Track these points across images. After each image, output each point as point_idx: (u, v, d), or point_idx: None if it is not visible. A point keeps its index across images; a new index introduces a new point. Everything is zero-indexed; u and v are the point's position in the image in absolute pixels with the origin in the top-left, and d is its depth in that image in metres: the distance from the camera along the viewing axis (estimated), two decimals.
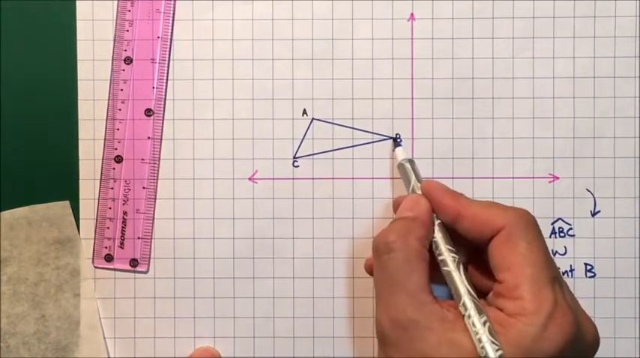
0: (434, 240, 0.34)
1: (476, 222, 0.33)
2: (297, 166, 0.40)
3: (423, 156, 0.40)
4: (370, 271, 0.38)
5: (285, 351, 0.40)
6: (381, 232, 0.34)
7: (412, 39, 0.40)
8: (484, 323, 0.31)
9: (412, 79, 0.40)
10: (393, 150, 0.40)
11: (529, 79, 0.40)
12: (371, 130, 0.40)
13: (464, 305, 0.32)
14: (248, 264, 0.40)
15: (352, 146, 0.40)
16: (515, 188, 0.40)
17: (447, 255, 0.33)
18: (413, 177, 0.37)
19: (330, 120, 0.40)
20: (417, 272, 0.32)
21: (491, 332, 0.30)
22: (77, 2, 0.40)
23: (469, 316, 0.31)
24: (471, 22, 0.40)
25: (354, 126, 0.40)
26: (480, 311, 0.31)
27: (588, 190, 0.40)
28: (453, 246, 0.34)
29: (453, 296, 0.32)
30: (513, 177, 0.40)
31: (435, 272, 0.34)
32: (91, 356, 0.40)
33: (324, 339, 0.40)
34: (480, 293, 0.34)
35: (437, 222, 0.35)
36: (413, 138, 0.40)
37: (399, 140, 0.40)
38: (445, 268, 0.33)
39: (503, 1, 0.40)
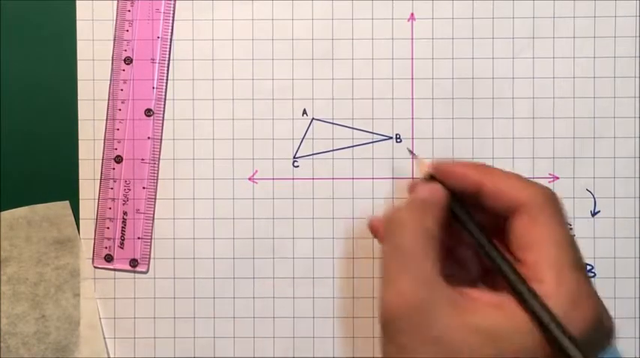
0: (465, 222, 0.33)
1: (497, 191, 0.32)
2: (297, 166, 0.40)
3: (423, 156, 0.40)
4: (374, 231, 0.35)
5: (285, 351, 0.40)
6: (394, 209, 0.32)
7: (412, 39, 0.40)
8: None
9: (412, 79, 0.40)
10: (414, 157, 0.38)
11: (529, 79, 0.40)
12: (371, 130, 0.40)
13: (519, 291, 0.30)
14: (248, 264, 0.40)
15: (352, 146, 0.40)
16: None
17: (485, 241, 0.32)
18: (427, 169, 0.35)
19: (330, 120, 0.40)
20: (429, 252, 0.31)
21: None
22: (77, 2, 0.40)
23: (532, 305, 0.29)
24: (471, 22, 0.40)
25: (354, 126, 0.40)
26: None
27: (588, 190, 0.40)
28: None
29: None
30: None
31: (448, 258, 0.33)
32: (91, 356, 0.40)
33: (324, 339, 0.40)
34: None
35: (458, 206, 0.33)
36: (413, 138, 0.40)
37: (398, 140, 0.40)
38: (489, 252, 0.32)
39: (504, 1, 0.40)
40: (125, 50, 0.40)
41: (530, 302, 0.29)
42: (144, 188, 0.40)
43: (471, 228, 0.33)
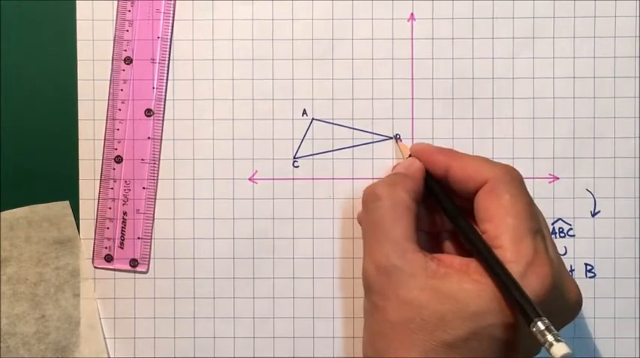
0: (442, 202, 0.36)
1: (464, 173, 0.35)
2: (297, 166, 0.40)
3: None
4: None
5: (285, 351, 0.40)
6: (370, 185, 0.35)
7: (412, 39, 0.40)
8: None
9: (412, 79, 0.40)
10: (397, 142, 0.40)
11: (529, 79, 0.40)
12: (371, 130, 0.40)
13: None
14: (248, 264, 0.40)
15: (352, 146, 0.40)
16: None
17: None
18: (408, 152, 0.38)
19: (330, 120, 0.40)
20: (402, 221, 0.33)
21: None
22: (77, 2, 0.40)
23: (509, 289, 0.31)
24: (471, 22, 0.40)
25: (354, 126, 0.40)
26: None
27: (588, 190, 0.40)
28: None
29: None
30: None
31: (428, 232, 0.36)
32: (91, 356, 0.40)
33: (324, 339, 0.40)
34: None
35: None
36: (413, 138, 0.40)
37: (399, 140, 0.40)
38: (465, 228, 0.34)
39: (504, 1, 0.40)
40: (125, 50, 0.40)
41: (490, 262, 0.31)
42: (144, 188, 0.40)
43: (442, 198, 0.36)
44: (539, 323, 0.29)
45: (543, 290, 0.31)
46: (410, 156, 0.38)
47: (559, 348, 0.28)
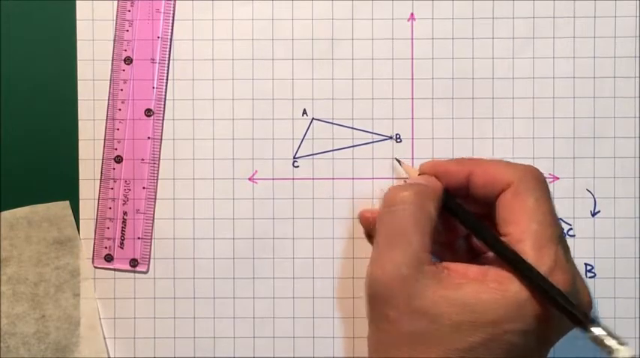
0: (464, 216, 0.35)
1: (487, 177, 0.34)
2: (297, 166, 0.40)
3: (423, 156, 0.40)
4: (365, 222, 0.37)
5: (285, 351, 0.40)
6: (395, 186, 0.34)
7: (412, 39, 0.40)
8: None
9: (412, 79, 0.40)
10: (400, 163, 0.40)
11: (529, 79, 0.40)
12: (371, 130, 0.40)
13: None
14: (248, 264, 0.40)
15: (352, 146, 0.40)
16: None
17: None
18: (416, 171, 0.37)
19: (330, 120, 0.40)
20: (423, 231, 0.32)
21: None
22: (77, 2, 0.40)
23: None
24: (471, 22, 0.40)
25: (354, 126, 0.40)
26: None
27: (588, 190, 0.40)
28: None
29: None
30: None
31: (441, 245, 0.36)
32: (90, 356, 0.40)
33: (324, 339, 0.40)
34: (476, 254, 0.35)
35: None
36: (413, 138, 0.40)
37: (398, 140, 0.40)
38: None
39: (504, 1, 0.40)
40: (125, 50, 0.40)
41: (530, 275, 0.31)
42: (144, 188, 0.40)
43: (461, 210, 0.35)
44: (598, 329, 0.29)
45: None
46: (419, 174, 0.37)
47: (626, 351, 0.28)
